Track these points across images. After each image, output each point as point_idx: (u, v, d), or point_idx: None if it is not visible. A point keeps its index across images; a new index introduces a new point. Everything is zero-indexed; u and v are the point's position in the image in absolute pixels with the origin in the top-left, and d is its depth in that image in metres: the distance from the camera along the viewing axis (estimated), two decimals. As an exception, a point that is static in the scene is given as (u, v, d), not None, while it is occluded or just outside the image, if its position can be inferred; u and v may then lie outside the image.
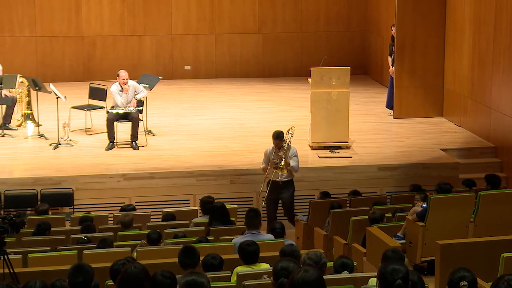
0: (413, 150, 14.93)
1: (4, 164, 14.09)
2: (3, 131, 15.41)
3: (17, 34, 19.70)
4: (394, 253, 7.65)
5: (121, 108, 14.76)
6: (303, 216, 12.68)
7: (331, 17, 20.75)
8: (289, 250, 7.73)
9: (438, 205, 10.33)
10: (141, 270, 6.18)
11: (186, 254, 7.56)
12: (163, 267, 8.04)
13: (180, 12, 20.22)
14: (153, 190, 13.46)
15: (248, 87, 19.60)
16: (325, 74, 14.75)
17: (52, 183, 13.30)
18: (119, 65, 18.26)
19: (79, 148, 14.82)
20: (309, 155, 14.58)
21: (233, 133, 15.76)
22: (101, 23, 19.99)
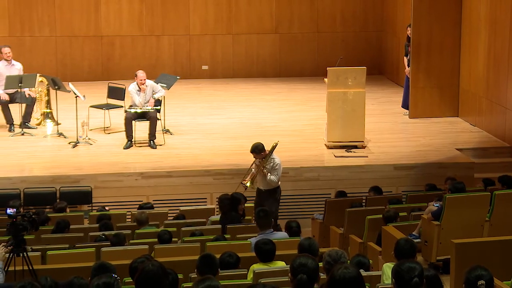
0: (428, 149, 14.88)
1: (23, 162, 14.16)
2: (23, 129, 15.47)
3: (37, 33, 19.78)
4: (406, 242, 7.64)
5: (139, 107, 14.79)
6: (319, 215, 12.67)
7: (348, 17, 20.71)
8: (307, 243, 7.74)
9: (453, 205, 10.28)
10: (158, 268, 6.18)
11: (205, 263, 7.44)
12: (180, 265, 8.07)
13: (197, 12, 20.23)
14: (170, 189, 13.48)
15: (265, 87, 19.60)
16: (341, 74, 14.72)
17: (71, 181, 13.34)
18: (138, 65, 18.31)
19: (97, 146, 14.85)
20: (325, 154, 14.56)
21: (250, 133, 15.75)
22: (119, 23, 20.03)
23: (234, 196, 11.31)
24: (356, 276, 4.79)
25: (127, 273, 7.57)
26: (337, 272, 4.79)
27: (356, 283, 4.78)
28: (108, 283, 5.67)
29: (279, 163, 12.31)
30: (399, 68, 19.11)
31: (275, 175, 12.25)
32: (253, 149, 12.29)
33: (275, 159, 12.30)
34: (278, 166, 12.29)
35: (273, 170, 12.22)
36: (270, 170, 12.21)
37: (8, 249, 8.07)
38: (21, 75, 15.61)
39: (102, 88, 16.60)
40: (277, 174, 12.28)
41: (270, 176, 12.18)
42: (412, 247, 7.57)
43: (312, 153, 14.56)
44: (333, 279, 4.80)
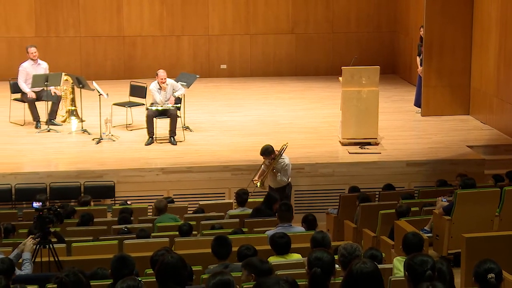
0: (440, 146, 14.85)
1: (49, 157, 14.23)
2: (49, 126, 15.54)
3: (62, 34, 19.86)
4: (414, 236, 7.64)
5: (160, 105, 14.83)
6: (333, 210, 12.68)
7: (362, 18, 20.68)
8: (320, 236, 7.76)
9: (464, 200, 10.27)
10: (178, 260, 6.22)
11: (219, 244, 7.59)
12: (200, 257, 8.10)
13: (216, 13, 20.26)
14: (190, 184, 13.51)
15: (281, 85, 19.60)
16: (355, 73, 14.71)
17: (95, 176, 13.40)
18: (158, 64, 18.36)
19: (120, 143, 14.91)
20: (339, 151, 14.56)
21: (267, 129, 15.77)
22: (141, 24, 20.08)
23: (270, 195, 11.33)
24: (374, 271, 4.77)
25: (148, 265, 7.62)
26: (355, 267, 4.77)
27: (373, 277, 4.75)
28: (132, 286, 5.68)
29: (288, 163, 12.54)
30: (411, 68, 19.07)
31: (285, 174, 12.43)
32: (263, 151, 12.50)
33: (285, 160, 12.50)
34: (287, 166, 12.51)
35: (283, 170, 12.39)
36: (279, 170, 12.35)
37: (35, 241, 8.14)
38: (47, 74, 15.68)
39: (125, 87, 16.66)
40: (287, 173, 12.53)
41: (280, 176, 12.34)
42: (420, 241, 7.57)
43: (327, 150, 14.57)
44: (351, 274, 4.78)
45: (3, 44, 19.60)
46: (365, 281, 4.71)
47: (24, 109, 15.86)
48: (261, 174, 12.57)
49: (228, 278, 5.73)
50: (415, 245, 7.45)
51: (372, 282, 4.71)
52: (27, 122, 15.89)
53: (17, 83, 15.80)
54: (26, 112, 15.82)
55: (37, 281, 7.34)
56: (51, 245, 8.21)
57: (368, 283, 4.71)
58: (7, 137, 15.21)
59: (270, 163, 12.40)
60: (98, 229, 10.56)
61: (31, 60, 15.79)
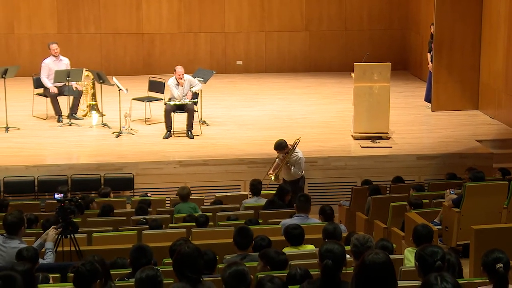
0: (450, 140, 14.80)
1: (71, 150, 14.28)
2: (70, 120, 15.60)
3: (83, 31, 19.91)
4: (423, 227, 7.63)
5: (178, 100, 14.85)
6: (346, 202, 12.67)
7: (374, 16, 20.62)
8: (331, 228, 7.76)
9: (473, 193, 10.25)
10: (194, 250, 6.23)
11: (241, 234, 7.59)
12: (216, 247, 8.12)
13: (232, 11, 20.25)
14: (206, 176, 13.53)
15: (295, 81, 19.58)
16: (367, 69, 14.69)
17: (114, 169, 13.44)
18: (176, 60, 18.37)
19: (139, 136, 14.94)
20: (351, 145, 14.54)
21: (281, 124, 15.76)
22: (159, 21, 20.11)
23: (282, 187, 11.31)
24: (386, 261, 4.75)
25: (166, 254, 7.65)
26: (368, 257, 4.74)
27: (386, 267, 4.72)
28: (151, 275, 5.69)
29: (301, 157, 12.56)
30: (422, 64, 19.01)
31: (298, 168, 12.46)
32: (276, 146, 12.54)
33: (298, 153, 12.52)
34: (300, 160, 12.53)
35: (296, 164, 12.42)
36: (293, 163, 12.37)
37: (58, 231, 8.17)
38: (69, 70, 15.73)
39: (143, 82, 16.69)
40: (300, 167, 12.53)
41: (293, 169, 12.37)
42: (429, 232, 7.57)
43: (340, 144, 14.55)
44: (363, 264, 4.76)
45: (26, 41, 19.68)
46: (377, 271, 4.68)
47: (46, 104, 15.93)
48: (275, 168, 12.61)
49: (243, 268, 5.74)
50: (425, 237, 7.45)
51: (384, 273, 4.69)
52: (50, 116, 15.95)
53: (40, 78, 15.86)
54: (48, 106, 15.88)
55: (59, 270, 7.38)
56: (73, 235, 8.24)
57: (381, 273, 4.68)
58: (30, 130, 15.27)
59: (284, 157, 12.41)
60: (118, 219, 10.58)
61: (53, 56, 15.83)
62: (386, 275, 4.66)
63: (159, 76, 16.64)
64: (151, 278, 5.64)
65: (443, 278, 3.94)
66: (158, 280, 5.66)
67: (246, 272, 5.73)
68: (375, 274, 4.63)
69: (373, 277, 4.63)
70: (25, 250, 7.36)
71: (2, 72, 15.14)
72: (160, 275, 5.75)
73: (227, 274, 5.74)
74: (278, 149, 12.52)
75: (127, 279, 6.77)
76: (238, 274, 5.68)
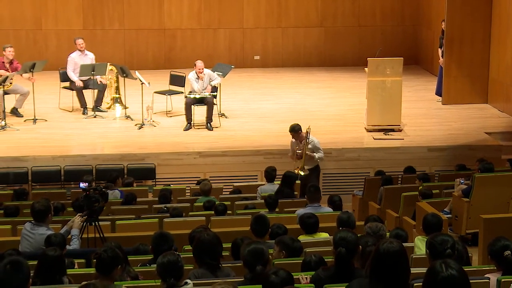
0: (459, 133, 14.73)
1: (95, 142, 14.32)
2: (95, 113, 15.64)
3: (107, 27, 19.94)
4: (433, 216, 7.60)
5: (198, 93, 14.85)
6: (359, 191, 12.64)
7: (386, 12, 20.53)
8: (345, 217, 7.77)
9: (482, 183, 10.20)
10: (213, 237, 6.25)
11: (258, 223, 7.60)
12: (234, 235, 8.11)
13: (251, 8, 20.22)
14: (225, 166, 13.54)
15: (310, 75, 19.53)
16: (380, 64, 14.63)
17: (137, 159, 13.47)
18: (196, 55, 18.36)
19: (160, 128, 14.96)
20: (364, 137, 14.49)
21: (297, 116, 15.68)
22: (180, 18, 20.10)
23: (289, 175, 11.26)
24: (400, 250, 4.71)
25: (187, 241, 7.66)
26: (382, 246, 4.71)
27: (399, 256, 4.69)
28: (172, 261, 5.70)
29: (318, 141, 12.49)
30: (433, 59, 18.91)
31: (319, 152, 12.41)
32: (291, 129, 12.47)
33: (314, 140, 12.43)
34: (318, 144, 12.46)
35: (315, 148, 12.34)
36: (313, 149, 12.31)
37: (83, 218, 8.20)
38: (94, 64, 15.76)
39: (165, 76, 16.69)
40: (320, 149, 12.46)
41: (316, 155, 12.29)
42: (439, 221, 7.53)
43: (353, 136, 14.51)
44: (378, 253, 4.73)
45: (53, 37, 19.74)
46: (391, 259, 4.66)
47: (72, 97, 15.98)
48: (298, 157, 12.40)
49: (262, 247, 5.76)
50: (435, 225, 7.41)
51: (398, 261, 4.66)
52: (75, 108, 16.00)
53: (66, 72, 15.90)
54: (74, 99, 15.93)
55: (84, 255, 7.41)
56: (97, 223, 8.27)
57: (395, 261, 4.66)
58: (57, 122, 15.32)
59: (302, 149, 12.31)
60: (140, 208, 10.61)
61: (79, 51, 15.87)
62: (400, 263, 4.64)
63: (180, 70, 16.65)
64: (173, 263, 5.66)
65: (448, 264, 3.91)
66: (179, 265, 5.68)
67: (264, 250, 5.74)
68: (389, 262, 4.61)
69: (387, 265, 4.61)
70: (53, 236, 7.40)
71: (30, 66, 15.20)
72: (181, 261, 5.76)
73: (246, 252, 5.77)
74: (293, 131, 12.44)
75: (149, 265, 6.79)
76: (256, 252, 5.70)
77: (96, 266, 5.90)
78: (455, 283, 3.85)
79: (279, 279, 4.86)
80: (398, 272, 4.64)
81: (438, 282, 3.85)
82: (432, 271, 3.91)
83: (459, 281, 3.86)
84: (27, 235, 8.02)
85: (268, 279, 4.90)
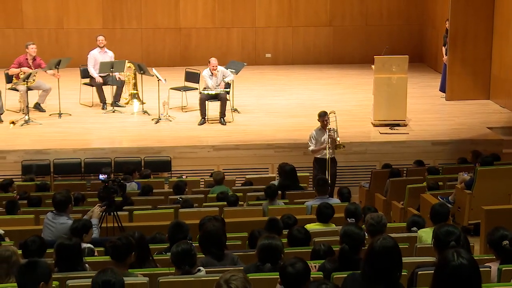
0: (462, 128, 14.68)
1: (114, 135, 14.34)
2: (114, 108, 15.66)
3: (126, 26, 19.96)
4: (441, 206, 7.56)
5: (212, 89, 14.85)
6: (366, 184, 12.62)
7: (393, 12, 20.46)
8: (353, 208, 7.75)
9: (484, 176, 10.16)
10: (218, 228, 6.26)
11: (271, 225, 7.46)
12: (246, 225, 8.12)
13: (262, 8, 20.19)
14: (237, 159, 13.53)
15: (319, 73, 19.50)
16: (386, 61, 14.59)
17: (154, 152, 13.48)
18: (210, 53, 18.34)
19: (176, 123, 14.97)
20: (371, 131, 14.46)
21: (307, 112, 15.69)
22: (195, 17, 20.10)
23: (290, 168, 11.22)
24: (394, 246, 4.71)
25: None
26: (377, 243, 4.70)
27: (393, 252, 4.68)
28: (186, 249, 5.72)
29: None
30: (437, 57, 18.83)
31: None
32: (319, 114, 12.25)
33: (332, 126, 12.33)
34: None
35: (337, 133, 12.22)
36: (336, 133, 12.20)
37: (102, 209, 8.22)
38: (113, 61, 15.78)
39: (180, 73, 16.70)
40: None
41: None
42: (446, 211, 7.49)
43: (360, 130, 14.48)
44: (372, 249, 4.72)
45: (75, 35, 19.77)
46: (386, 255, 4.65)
47: (92, 92, 16.01)
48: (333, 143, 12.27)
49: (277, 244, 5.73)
50: (442, 215, 7.37)
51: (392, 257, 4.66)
52: (95, 103, 16.03)
53: (86, 69, 15.94)
54: (94, 95, 15.96)
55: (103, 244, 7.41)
56: (116, 213, 8.29)
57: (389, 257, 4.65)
58: (77, 117, 15.35)
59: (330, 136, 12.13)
60: (157, 199, 10.63)
61: (99, 48, 15.90)
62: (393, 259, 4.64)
63: (195, 67, 16.64)
64: (186, 252, 5.68)
65: (460, 254, 3.91)
66: (192, 253, 5.70)
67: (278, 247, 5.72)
68: (383, 258, 4.61)
69: (381, 261, 4.62)
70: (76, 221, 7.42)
71: (55, 63, 15.25)
72: (194, 249, 5.78)
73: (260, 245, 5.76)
74: (320, 116, 12.25)
75: (165, 253, 6.80)
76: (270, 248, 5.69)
77: (111, 253, 5.92)
78: (465, 272, 3.85)
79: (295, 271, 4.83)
80: (391, 267, 4.64)
81: (449, 270, 3.86)
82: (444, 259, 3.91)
83: (469, 269, 3.86)
84: (49, 224, 8.05)
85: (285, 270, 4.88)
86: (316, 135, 12.27)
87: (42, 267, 4.88)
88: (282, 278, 4.89)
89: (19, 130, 14.37)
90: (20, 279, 4.88)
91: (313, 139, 12.25)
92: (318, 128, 12.29)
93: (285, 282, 4.84)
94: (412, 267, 5.60)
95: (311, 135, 12.31)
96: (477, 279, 3.90)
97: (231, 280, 4.09)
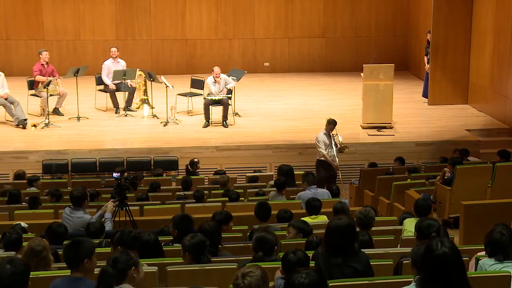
0: (443, 130, 14.68)
1: (126, 137, 14.34)
2: (126, 112, 15.66)
3: (137, 37, 19.96)
4: (424, 200, 7.56)
5: (215, 95, 14.85)
6: (356, 181, 12.61)
7: (380, 25, 20.45)
8: (340, 206, 7.75)
9: (462, 173, 10.16)
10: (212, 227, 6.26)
11: (261, 209, 7.60)
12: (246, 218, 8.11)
13: (261, 21, 20.18)
14: (238, 159, 13.53)
15: (313, 80, 19.49)
16: (374, 69, 14.59)
17: (162, 152, 13.48)
18: (214, 62, 18.36)
19: (182, 125, 14.96)
20: (360, 133, 14.46)
21: (302, 115, 15.72)
22: (200, 29, 20.09)
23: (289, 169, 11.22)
24: (348, 224, 4.97)
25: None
26: (332, 223, 5.00)
27: (346, 229, 4.94)
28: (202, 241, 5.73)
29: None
30: (420, 65, 18.83)
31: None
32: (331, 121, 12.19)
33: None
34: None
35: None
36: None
37: (115, 204, 8.21)
38: (125, 70, 15.78)
39: (186, 80, 16.69)
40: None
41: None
42: (428, 205, 7.49)
43: (350, 132, 14.47)
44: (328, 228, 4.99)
45: (90, 46, 19.77)
46: (341, 232, 4.94)
47: (106, 98, 16.00)
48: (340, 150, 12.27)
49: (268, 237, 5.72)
50: (425, 208, 7.36)
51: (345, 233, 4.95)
52: (109, 108, 16.03)
53: (101, 77, 15.94)
54: (108, 100, 15.96)
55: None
56: (128, 207, 8.29)
57: (343, 233, 4.94)
58: (93, 120, 15.35)
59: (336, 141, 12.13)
60: (165, 195, 10.63)
61: (112, 59, 15.90)
62: (347, 235, 4.94)
63: (200, 75, 16.64)
64: (202, 243, 5.71)
65: (443, 243, 3.93)
66: (206, 244, 5.72)
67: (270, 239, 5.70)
68: (337, 234, 4.91)
69: (336, 237, 4.91)
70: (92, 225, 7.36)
71: (74, 71, 15.25)
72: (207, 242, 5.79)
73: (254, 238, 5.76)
74: (330, 123, 12.19)
75: (172, 244, 6.79)
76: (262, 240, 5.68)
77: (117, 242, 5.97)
78: (448, 259, 3.86)
79: (296, 258, 4.84)
80: (345, 242, 4.92)
81: (433, 258, 3.87)
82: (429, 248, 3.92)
83: (452, 257, 3.87)
84: (67, 218, 8.05)
85: (287, 257, 4.89)
86: (324, 139, 12.13)
87: (85, 246, 4.95)
88: (283, 265, 4.90)
89: (40, 132, 14.38)
90: (67, 256, 5.00)
91: (322, 143, 12.11)
92: (323, 132, 12.21)
93: (287, 269, 4.85)
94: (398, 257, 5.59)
95: (319, 139, 12.11)
96: (460, 265, 3.90)
97: (247, 276, 4.04)
